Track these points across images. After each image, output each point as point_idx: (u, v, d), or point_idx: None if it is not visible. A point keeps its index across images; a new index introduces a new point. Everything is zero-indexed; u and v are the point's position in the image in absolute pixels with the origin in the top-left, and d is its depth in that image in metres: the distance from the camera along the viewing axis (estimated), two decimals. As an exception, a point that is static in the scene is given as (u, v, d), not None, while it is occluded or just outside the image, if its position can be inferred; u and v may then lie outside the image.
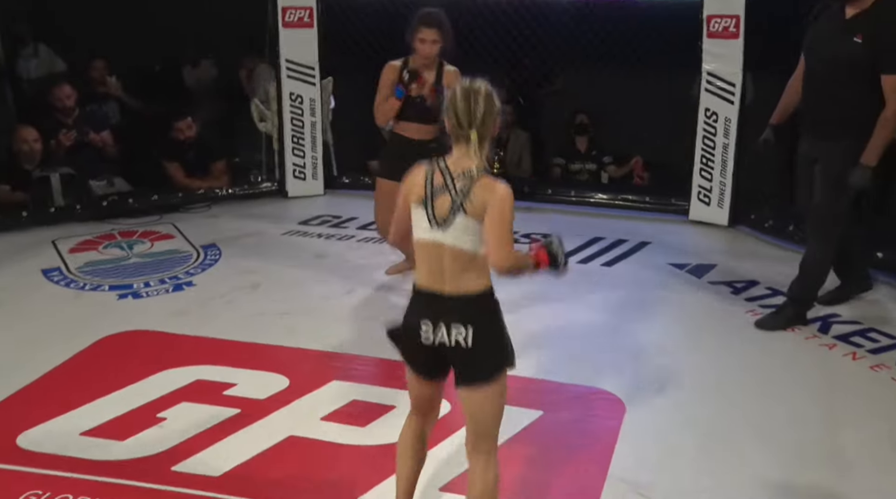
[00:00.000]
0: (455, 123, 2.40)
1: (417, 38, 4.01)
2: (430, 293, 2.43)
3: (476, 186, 2.36)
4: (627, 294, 4.62)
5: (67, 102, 6.02)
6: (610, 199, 6.17)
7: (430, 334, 2.41)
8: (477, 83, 2.42)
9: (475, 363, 2.42)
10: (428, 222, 2.40)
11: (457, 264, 2.39)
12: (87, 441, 3.17)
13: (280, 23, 6.13)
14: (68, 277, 4.80)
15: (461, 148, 2.41)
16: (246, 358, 3.82)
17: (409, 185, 2.47)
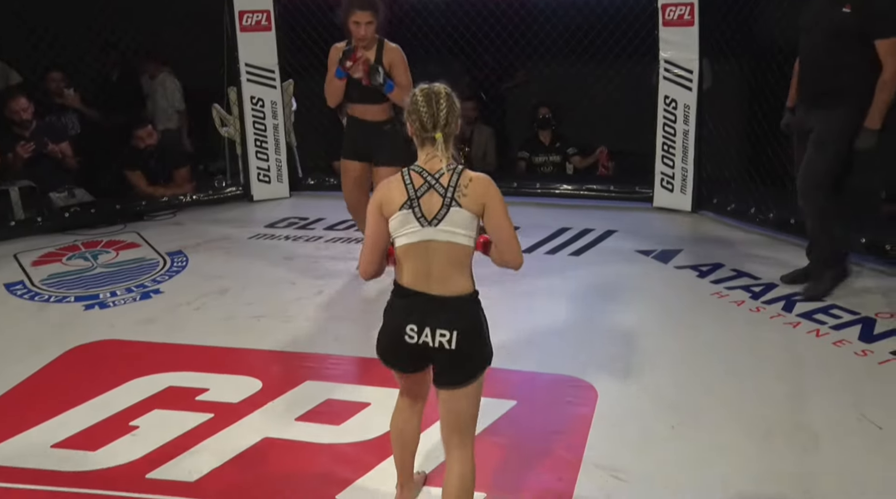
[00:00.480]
0: (419, 127, 2.43)
1: (351, 21, 4.06)
2: (415, 293, 2.44)
3: (463, 179, 2.41)
4: (595, 282, 4.66)
5: (24, 115, 5.94)
6: (575, 189, 6.23)
7: (416, 335, 2.44)
8: (436, 86, 2.47)
9: (458, 365, 2.46)
10: (417, 222, 2.41)
11: (447, 263, 2.42)
12: (59, 453, 3.13)
13: (238, 27, 6.09)
14: (32, 290, 4.74)
15: (427, 150, 2.45)
16: (217, 363, 3.80)
17: (382, 197, 2.45)
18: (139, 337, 4.10)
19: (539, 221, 5.64)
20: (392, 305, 2.51)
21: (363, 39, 4.09)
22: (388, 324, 2.50)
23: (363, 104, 4.21)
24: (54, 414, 3.39)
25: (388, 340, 2.50)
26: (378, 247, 2.49)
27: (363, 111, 4.22)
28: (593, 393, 3.47)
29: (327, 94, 4.27)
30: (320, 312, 4.35)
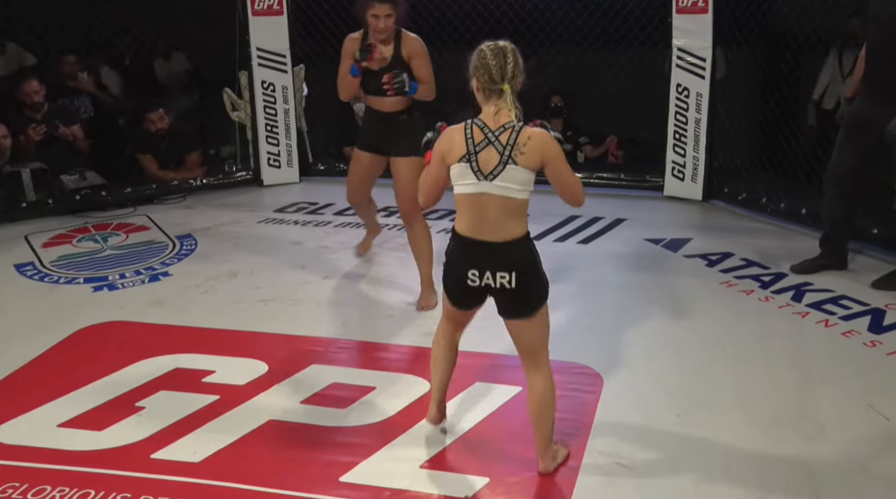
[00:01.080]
0: (488, 80, 2.60)
1: (370, 13, 3.89)
2: (474, 241, 2.66)
3: (522, 137, 2.58)
4: (604, 270, 4.65)
5: (35, 98, 5.96)
6: (585, 177, 6.17)
7: (477, 279, 2.68)
8: (502, 43, 2.65)
9: (519, 302, 2.71)
10: (474, 176, 2.61)
11: (502, 213, 2.63)
12: (65, 432, 3.15)
13: (249, 11, 6.08)
14: (42, 271, 4.76)
15: (493, 104, 2.62)
16: (224, 345, 3.82)
17: (445, 146, 2.67)
18: (147, 319, 4.12)
19: (548, 208, 5.56)
20: (452, 250, 2.75)
21: (383, 32, 3.94)
22: (451, 269, 2.76)
23: (380, 96, 4.08)
24: (62, 394, 3.41)
25: (454, 283, 2.77)
26: (438, 187, 2.78)
27: (380, 102, 4.08)
28: (599, 380, 3.46)
29: (340, 89, 4.14)
30: (327, 297, 4.35)
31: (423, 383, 3.44)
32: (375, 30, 3.94)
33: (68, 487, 2.81)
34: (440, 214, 5.39)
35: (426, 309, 4.13)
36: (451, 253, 2.77)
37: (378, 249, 4.94)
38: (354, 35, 4.09)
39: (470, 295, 2.76)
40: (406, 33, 4.05)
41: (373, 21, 3.92)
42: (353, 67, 3.99)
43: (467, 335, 3.41)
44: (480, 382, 3.46)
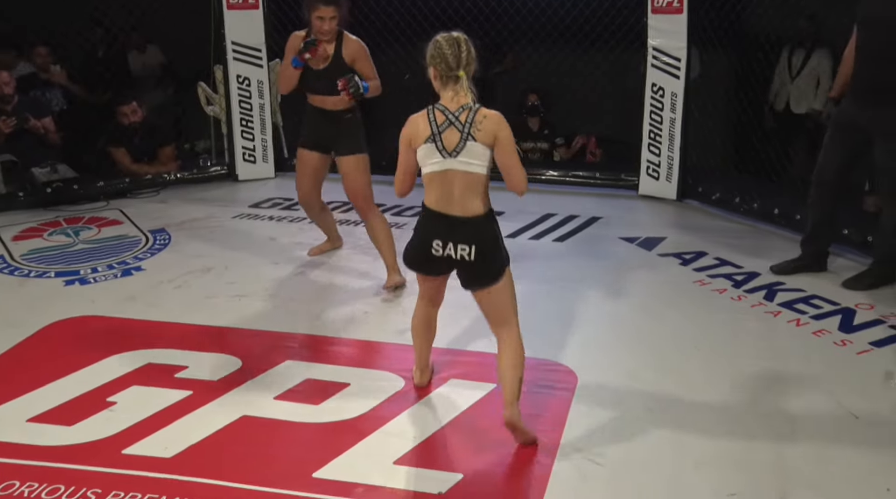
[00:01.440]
0: (445, 67, 2.84)
1: (315, 15, 4.04)
2: (440, 215, 2.88)
3: (478, 116, 2.82)
4: (578, 268, 4.67)
5: (6, 89, 5.87)
6: (561, 176, 6.22)
7: (440, 249, 2.89)
8: (455, 33, 2.90)
9: (479, 273, 2.93)
10: (439, 154, 2.84)
11: (466, 189, 2.84)
12: (35, 427, 3.12)
13: (225, 4, 6.04)
14: (12, 264, 4.70)
15: (450, 89, 2.86)
16: (197, 341, 3.79)
17: (411, 131, 2.89)
18: (119, 314, 4.08)
19: (524, 206, 5.61)
20: (420, 222, 2.96)
21: (327, 34, 4.07)
22: (418, 238, 2.96)
23: (322, 95, 4.16)
24: (31, 388, 3.37)
25: (417, 251, 2.97)
26: (409, 172, 2.95)
27: (322, 101, 4.18)
28: (573, 377, 3.48)
29: (281, 82, 4.24)
30: (302, 293, 4.34)
31: (397, 379, 3.45)
32: (320, 31, 4.06)
33: (38, 482, 2.78)
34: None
35: (397, 286, 4.28)
36: (418, 224, 2.98)
37: (352, 248, 4.93)
38: (299, 33, 4.19)
39: (432, 263, 2.95)
40: (347, 35, 4.18)
41: (318, 23, 4.05)
42: (294, 59, 4.08)
43: (441, 333, 3.45)
44: (454, 379, 3.46)
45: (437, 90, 2.91)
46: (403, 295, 4.26)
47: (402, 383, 3.43)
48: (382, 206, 4.84)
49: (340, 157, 4.28)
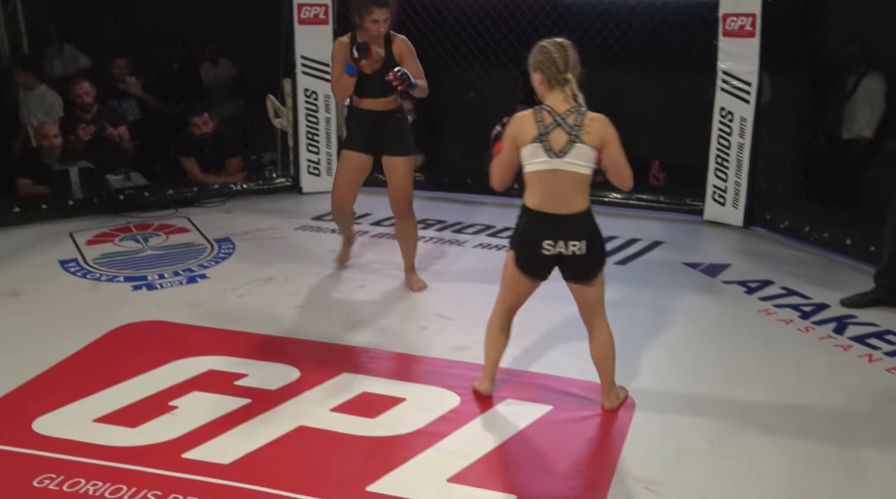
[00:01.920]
0: (555, 70, 2.99)
1: (370, 19, 4.01)
2: (547, 214, 3.01)
3: (587, 120, 2.97)
4: (639, 292, 4.61)
5: (86, 99, 6.09)
6: (624, 198, 6.14)
7: (551, 248, 3.02)
8: (559, 39, 3.07)
9: (587, 266, 3.09)
10: (545, 154, 2.96)
11: (571, 187, 2.98)
12: (100, 428, 3.20)
13: (296, 19, 6.16)
14: (85, 268, 4.85)
15: (558, 92, 3.00)
16: (258, 349, 3.85)
17: (517, 130, 3.00)
18: (183, 320, 4.17)
19: (586, 227, 5.59)
20: (526, 224, 3.07)
21: (379, 36, 4.06)
22: (525, 241, 3.08)
23: (374, 97, 4.18)
24: (99, 389, 3.46)
25: (528, 254, 3.09)
26: (511, 168, 3.07)
27: (374, 103, 4.20)
28: (631, 403, 3.43)
29: (337, 90, 4.21)
30: (362, 306, 4.37)
31: (453, 396, 3.44)
32: (375, 34, 4.04)
33: (101, 481, 2.84)
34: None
35: (422, 289, 4.47)
36: (523, 226, 3.09)
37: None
38: (343, 39, 4.20)
39: (543, 264, 3.09)
40: (395, 34, 4.17)
41: (372, 26, 4.02)
42: (350, 66, 4.06)
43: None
44: (511, 399, 3.44)
45: (542, 95, 3.04)
46: (460, 311, 4.26)
47: (458, 400, 3.42)
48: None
49: (391, 157, 4.27)
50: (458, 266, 4.92)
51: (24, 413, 3.27)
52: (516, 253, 3.14)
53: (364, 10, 4.00)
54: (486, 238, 5.41)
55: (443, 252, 5.11)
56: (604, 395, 3.32)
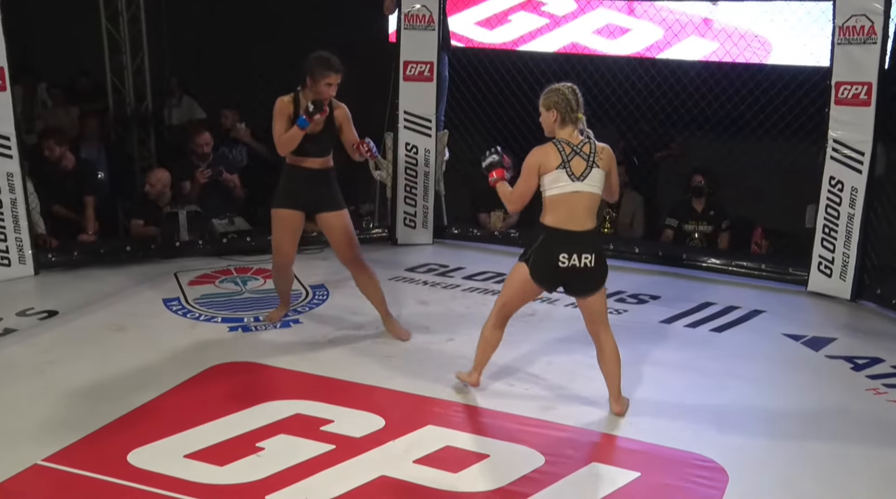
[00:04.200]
0: (568, 109, 3.51)
1: (324, 82, 4.23)
2: (566, 231, 3.50)
3: (598, 148, 3.53)
4: (736, 361, 4.43)
5: (206, 149, 6.38)
6: (723, 264, 5.98)
7: (566, 260, 3.49)
8: (569, 84, 3.59)
9: (595, 277, 3.57)
10: (568, 178, 3.47)
11: (587, 207, 3.51)
12: (190, 464, 3.27)
13: (402, 76, 6.34)
14: (186, 307, 5.03)
15: (571, 128, 3.53)
16: (345, 396, 3.88)
17: (541, 160, 3.50)
18: (275, 363, 4.25)
19: (682, 292, 5.46)
20: (545, 240, 3.55)
21: (328, 99, 4.30)
22: (544, 254, 3.54)
23: (313, 157, 4.38)
24: (191, 426, 3.56)
25: (545, 265, 3.55)
26: (529, 194, 3.59)
27: (312, 162, 4.40)
28: (724, 476, 3.27)
29: (282, 145, 4.34)
30: (449, 359, 4.35)
31: (537, 456, 3.38)
32: (326, 96, 4.27)
33: (186, 516, 2.90)
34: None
35: (408, 337, 4.59)
36: (543, 242, 3.55)
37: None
38: (285, 98, 4.38)
39: (556, 275, 3.55)
40: (336, 102, 4.40)
41: (325, 89, 4.25)
42: (301, 119, 4.23)
43: (589, 414, 3.35)
44: (596, 463, 3.35)
45: (553, 131, 3.55)
46: (547, 370, 4.20)
47: (542, 460, 3.35)
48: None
49: (328, 213, 4.45)
50: (546, 325, 4.86)
51: (121, 445, 3.39)
52: (533, 265, 3.58)
53: (319, 74, 4.23)
54: (578, 298, 5.34)
55: (533, 310, 5.06)
56: (612, 400, 3.71)
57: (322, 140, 4.37)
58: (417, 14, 6.21)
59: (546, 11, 6.94)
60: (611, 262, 3.68)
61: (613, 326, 3.73)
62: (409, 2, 6.18)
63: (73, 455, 3.33)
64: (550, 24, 6.93)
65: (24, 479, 3.17)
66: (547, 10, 6.93)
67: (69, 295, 5.12)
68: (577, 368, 4.23)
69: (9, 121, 5.30)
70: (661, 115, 6.71)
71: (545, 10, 6.94)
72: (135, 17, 7.33)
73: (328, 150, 4.43)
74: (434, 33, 6.24)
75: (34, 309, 4.89)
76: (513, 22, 7.06)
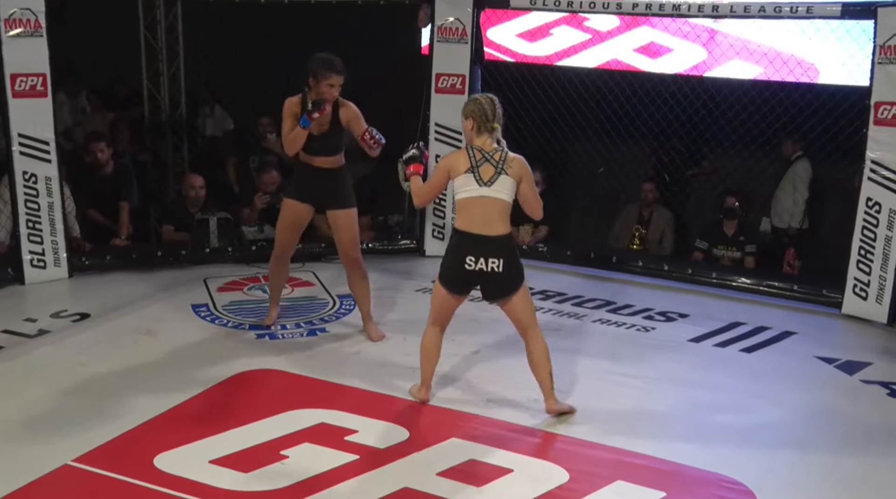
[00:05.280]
0: (483, 119, 3.65)
1: (326, 83, 4.35)
2: (473, 235, 3.60)
3: (509, 157, 3.65)
4: (766, 382, 4.37)
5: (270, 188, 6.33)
6: (754, 284, 5.89)
7: (473, 264, 3.60)
8: (490, 94, 3.77)
9: (504, 281, 3.66)
10: (476, 183, 3.59)
11: (495, 213, 3.59)
12: (215, 469, 3.29)
13: (433, 88, 6.36)
14: (214, 313, 5.07)
15: (486, 136, 3.66)
16: (369, 407, 3.88)
17: (452, 163, 3.68)
18: (301, 371, 4.27)
19: (711, 311, 5.39)
20: (453, 244, 3.69)
21: (332, 100, 4.40)
22: (452, 256, 3.67)
23: (320, 156, 4.50)
24: (216, 432, 3.58)
25: (452, 269, 3.66)
26: (436, 192, 3.90)
27: (321, 161, 4.52)
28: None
29: (288, 144, 4.49)
30: (475, 371, 4.34)
31: (562, 472, 3.35)
32: (329, 96, 4.37)
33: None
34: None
35: (381, 339, 4.70)
36: (452, 245, 3.71)
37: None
38: (294, 99, 4.50)
39: (465, 278, 3.65)
40: (343, 100, 4.49)
41: (327, 90, 4.36)
42: (303, 119, 4.35)
43: (611, 431, 3.31)
44: (622, 481, 3.31)
45: (470, 138, 3.69)
46: (572, 386, 4.17)
47: (567, 476, 3.33)
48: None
49: (335, 211, 4.57)
50: (573, 340, 4.83)
51: (148, 448, 3.42)
52: (442, 267, 3.72)
53: (321, 76, 4.34)
54: (605, 314, 5.30)
55: (560, 325, 5.04)
56: (546, 396, 3.78)
57: (329, 139, 4.48)
58: (450, 27, 6.23)
59: (589, 27, 6.90)
60: (639, 279, 3.64)
61: (642, 344, 3.71)
62: (442, 15, 6.21)
63: (101, 457, 3.36)
64: (593, 40, 6.90)
65: (54, 478, 3.22)
66: (590, 26, 6.90)
67: (101, 298, 5.18)
68: (601, 385, 4.20)
69: (49, 126, 5.39)
70: (693, 134, 6.66)
71: (588, 26, 6.91)
72: (171, 26, 7.44)
73: (336, 149, 4.53)
74: (467, 46, 6.25)
75: (67, 311, 4.96)
76: (554, 35, 7.04)
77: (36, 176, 5.37)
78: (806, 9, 5.43)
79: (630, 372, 4.36)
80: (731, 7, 5.69)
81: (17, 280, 5.40)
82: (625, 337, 4.89)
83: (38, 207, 5.42)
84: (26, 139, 5.31)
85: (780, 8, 5.50)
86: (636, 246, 6.62)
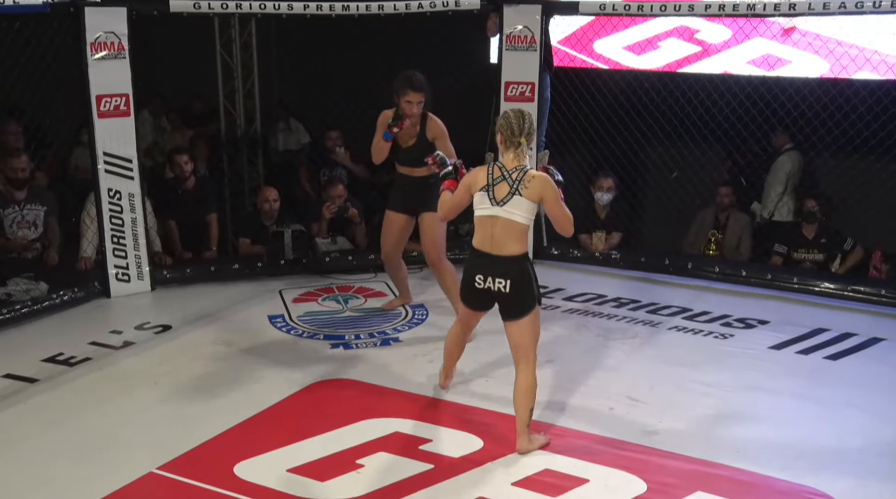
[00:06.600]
0: (510, 133, 3.49)
1: (404, 100, 4.55)
2: (482, 253, 3.54)
3: (527, 176, 3.46)
4: (854, 391, 4.21)
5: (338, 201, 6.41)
6: (838, 289, 5.68)
7: (481, 283, 3.54)
8: (520, 108, 3.62)
9: (513, 305, 3.53)
10: (489, 202, 3.50)
11: (506, 232, 3.48)
12: (292, 478, 3.35)
13: (502, 96, 6.35)
14: (290, 324, 5.16)
15: (511, 152, 3.50)
16: (443, 416, 3.89)
17: (472, 180, 3.58)
18: (375, 380, 4.30)
19: (793, 318, 5.23)
20: (467, 261, 3.64)
21: (413, 116, 4.58)
22: (465, 273, 3.63)
23: (409, 166, 4.73)
24: (294, 441, 3.64)
25: (465, 285, 3.65)
26: (459, 207, 3.71)
27: (410, 171, 4.75)
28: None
29: (373, 152, 4.75)
30: (549, 381, 4.30)
31: (639, 482, 3.30)
32: (408, 113, 4.58)
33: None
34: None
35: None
36: (466, 261, 3.65)
37: (605, 337, 4.85)
38: (388, 111, 4.70)
39: (476, 296, 3.60)
40: (430, 117, 4.69)
41: (406, 106, 4.56)
42: (385, 133, 4.61)
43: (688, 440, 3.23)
44: (702, 492, 3.23)
45: (502, 153, 3.54)
46: (649, 394, 4.09)
47: (644, 487, 3.27)
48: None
49: (424, 214, 4.77)
50: (650, 348, 4.75)
51: (228, 457, 3.50)
52: (461, 283, 3.71)
53: (401, 93, 4.55)
54: (681, 321, 5.19)
55: (636, 332, 4.96)
56: (518, 432, 3.53)
57: (414, 152, 4.67)
58: (519, 35, 6.22)
59: (699, 39, 6.75)
60: (715, 285, 3.55)
61: (720, 352, 3.63)
62: (510, 23, 6.21)
63: (183, 465, 3.46)
64: (703, 52, 6.74)
65: (140, 486, 3.32)
66: (700, 38, 6.74)
67: (182, 310, 5.33)
68: (679, 394, 4.12)
69: (131, 144, 5.59)
70: (771, 136, 6.50)
71: (698, 38, 6.76)
72: (246, 44, 7.64)
73: (422, 161, 4.62)
74: (536, 54, 6.23)
75: (150, 323, 5.13)
76: (662, 48, 6.91)
77: (120, 193, 5.57)
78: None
79: (709, 380, 4.26)
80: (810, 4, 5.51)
81: (103, 293, 5.60)
82: (702, 344, 4.78)
83: (122, 223, 5.62)
84: (110, 157, 5.52)
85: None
86: (712, 252, 6.47)
